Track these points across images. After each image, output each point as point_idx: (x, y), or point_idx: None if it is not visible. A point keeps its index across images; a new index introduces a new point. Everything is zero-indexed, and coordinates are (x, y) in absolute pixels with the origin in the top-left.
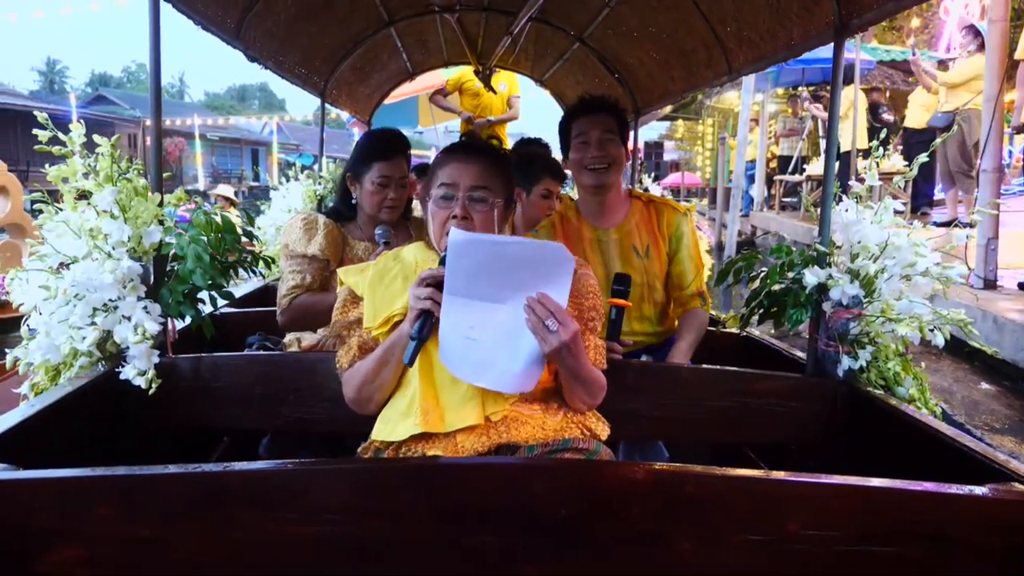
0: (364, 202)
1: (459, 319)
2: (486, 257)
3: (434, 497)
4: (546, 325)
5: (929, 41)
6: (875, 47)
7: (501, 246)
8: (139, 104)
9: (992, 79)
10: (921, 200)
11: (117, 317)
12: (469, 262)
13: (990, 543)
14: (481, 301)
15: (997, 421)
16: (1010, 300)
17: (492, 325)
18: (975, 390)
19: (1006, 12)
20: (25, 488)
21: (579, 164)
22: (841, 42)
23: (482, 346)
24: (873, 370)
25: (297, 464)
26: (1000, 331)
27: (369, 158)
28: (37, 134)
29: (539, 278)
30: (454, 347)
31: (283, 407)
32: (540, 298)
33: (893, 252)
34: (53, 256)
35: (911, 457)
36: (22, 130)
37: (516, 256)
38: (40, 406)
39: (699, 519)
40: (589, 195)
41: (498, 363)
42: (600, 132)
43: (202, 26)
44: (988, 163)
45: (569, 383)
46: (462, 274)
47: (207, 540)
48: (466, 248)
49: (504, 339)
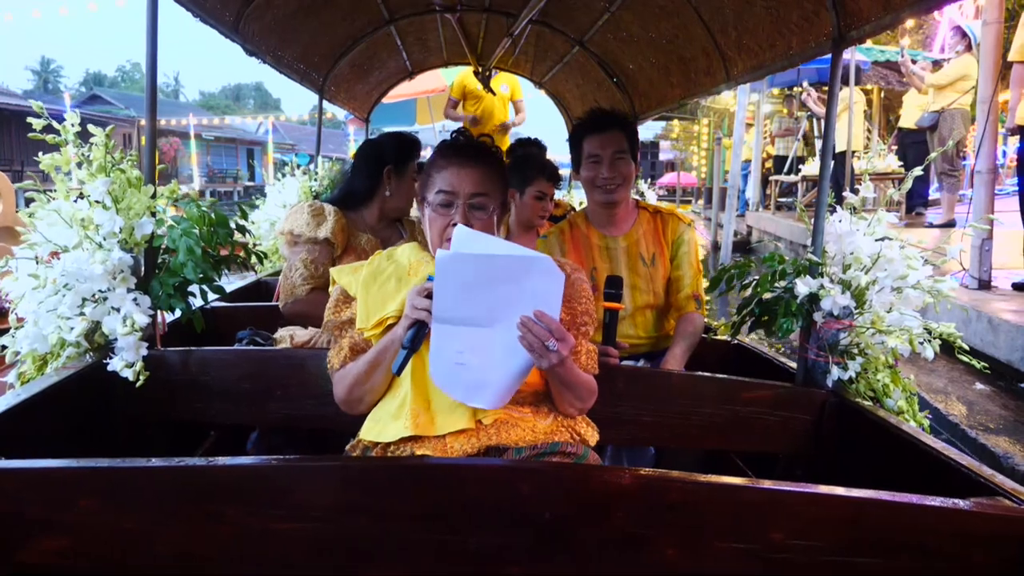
0: (398, 197)
1: (448, 345)
2: (474, 275)
3: (420, 496)
4: (546, 345)
5: (923, 42)
6: (870, 47)
7: (488, 261)
8: (134, 103)
9: (986, 80)
10: (916, 200)
11: (106, 308)
12: (457, 282)
13: (974, 556)
14: (470, 327)
15: (992, 421)
16: (1005, 301)
17: (482, 348)
18: (970, 390)
19: (1000, 14)
20: (9, 478)
21: (591, 183)
22: (839, 53)
23: (472, 369)
24: (862, 381)
25: (283, 460)
26: (995, 332)
27: (411, 156)
28: (31, 122)
29: (529, 294)
30: (445, 372)
31: (271, 403)
32: (537, 316)
33: (885, 264)
34: (43, 245)
35: (898, 469)
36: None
37: (504, 271)
38: (26, 395)
39: (684, 525)
40: (599, 207)
41: (490, 383)
42: (612, 152)
43: (201, 19)
44: (983, 164)
45: (559, 390)
46: (450, 298)
47: (192, 534)
48: (453, 266)
49: (495, 360)
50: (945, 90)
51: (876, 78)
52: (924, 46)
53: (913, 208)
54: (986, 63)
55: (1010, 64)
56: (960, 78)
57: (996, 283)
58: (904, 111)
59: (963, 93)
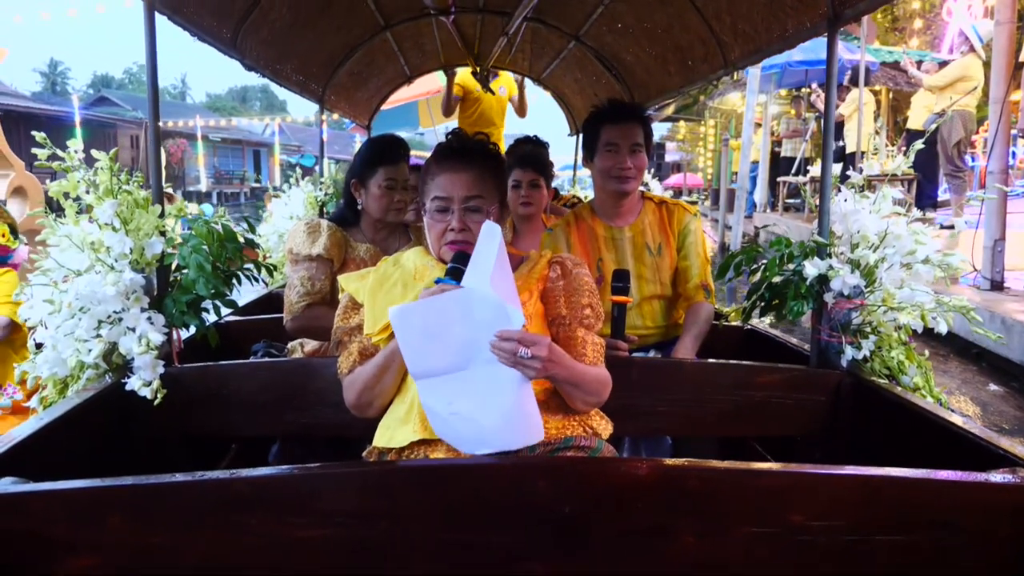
0: (371, 206)
1: (437, 399)
2: (426, 323)
3: (439, 498)
4: (520, 356)
5: (932, 43)
6: (878, 48)
7: (430, 306)
8: (141, 105)
9: (999, 81)
10: (925, 202)
11: (122, 329)
12: (416, 334)
13: (996, 530)
14: (448, 375)
15: (1006, 422)
16: (1018, 302)
17: (467, 393)
18: (984, 391)
19: (1012, 14)
20: (37, 500)
21: (606, 172)
22: (834, 33)
23: (466, 417)
24: (877, 359)
25: (303, 469)
26: (1009, 332)
27: (374, 163)
28: (36, 153)
29: (482, 322)
30: (444, 426)
31: (289, 413)
32: (499, 336)
33: (893, 241)
34: (56, 270)
35: (917, 445)
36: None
37: (451, 311)
38: (49, 419)
39: (703, 513)
40: (609, 198)
41: (490, 425)
42: (631, 143)
43: (198, 37)
44: (994, 165)
45: (565, 390)
46: (417, 351)
47: (218, 546)
48: (406, 320)
49: (484, 400)
50: (945, 91)
51: (884, 79)
52: (932, 47)
53: (922, 209)
54: (998, 63)
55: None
56: (959, 79)
57: (1008, 284)
58: (912, 112)
59: (964, 94)
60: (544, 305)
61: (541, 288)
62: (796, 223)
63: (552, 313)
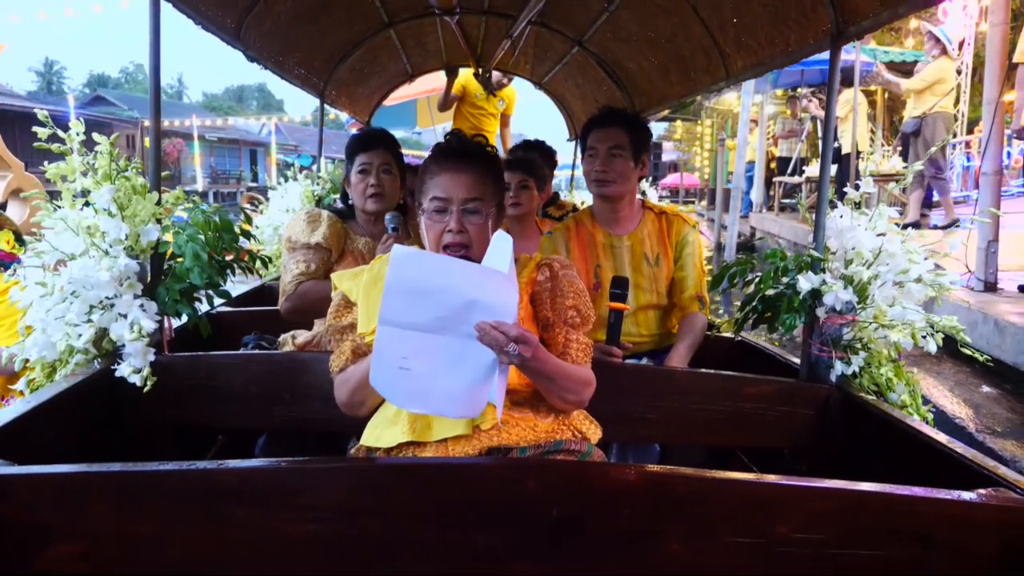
0: (354, 196)
1: (393, 349)
2: (429, 277)
3: (427, 496)
4: (507, 351)
5: None
6: (873, 48)
7: (445, 264)
8: (137, 105)
9: (992, 82)
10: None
11: (113, 315)
12: (411, 283)
13: (978, 547)
14: (417, 332)
15: (999, 424)
16: (1011, 303)
17: (429, 355)
18: (976, 393)
19: (1006, 15)
20: (22, 484)
21: (587, 176)
22: (838, 49)
23: (416, 376)
24: (866, 375)
25: (291, 462)
26: (1001, 334)
27: (352, 154)
28: (37, 131)
29: (481, 305)
30: (386, 377)
31: (279, 406)
32: (495, 325)
33: (887, 259)
34: (51, 253)
35: (902, 462)
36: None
37: (460, 278)
38: (36, 403)
39: (689, 520)
40: (598, 202)
41: (436, 391)
42: (607, 147)
43: (203, 26)
44: (989, 166)
45: (539, 383)
46: (401, 299)
47: (203, 537)
48: (410, 264)
49: (443, 368)
50: (924, 94)
51: None
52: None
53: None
54: (992, 64)
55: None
56: (936, 81)
57: (1002, 285)
58: (907, 113)
59: (942, 96)
60: (533, 308)
61: (530, 291)
62: (791, 223)
63: (541, 315)
